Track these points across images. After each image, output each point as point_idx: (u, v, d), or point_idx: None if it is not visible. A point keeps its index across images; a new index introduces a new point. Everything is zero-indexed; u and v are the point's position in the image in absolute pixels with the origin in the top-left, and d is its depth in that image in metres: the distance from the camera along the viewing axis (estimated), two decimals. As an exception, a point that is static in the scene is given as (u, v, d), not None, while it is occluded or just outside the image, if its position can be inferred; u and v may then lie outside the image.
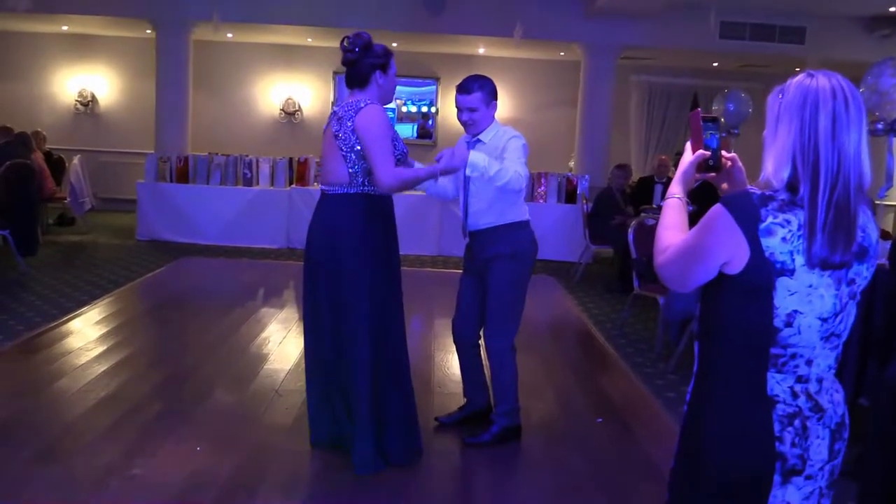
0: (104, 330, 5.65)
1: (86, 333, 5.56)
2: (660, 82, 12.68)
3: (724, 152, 1.84)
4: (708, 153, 1.81)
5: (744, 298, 1.65)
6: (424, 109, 12.79)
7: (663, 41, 10.52)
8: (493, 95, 3.78)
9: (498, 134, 3.75)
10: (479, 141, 3.78)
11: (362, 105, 3.35)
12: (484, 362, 4.02)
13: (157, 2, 10.25)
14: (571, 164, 11.58)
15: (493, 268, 3.77)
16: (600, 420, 4.39)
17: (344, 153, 3.36)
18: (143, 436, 3.78)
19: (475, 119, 3.74)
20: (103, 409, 4.12)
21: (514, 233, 3.79)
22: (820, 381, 1.69)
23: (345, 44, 3.40)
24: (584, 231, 8.99)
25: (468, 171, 3.50)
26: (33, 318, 5.85)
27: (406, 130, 12.73)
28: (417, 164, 3.69)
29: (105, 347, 5.18)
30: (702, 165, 1.82)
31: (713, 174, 1.84)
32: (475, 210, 3.80)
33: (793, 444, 1.66)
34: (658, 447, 4.08)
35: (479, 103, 3.73)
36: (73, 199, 9.98)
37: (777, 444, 1.66)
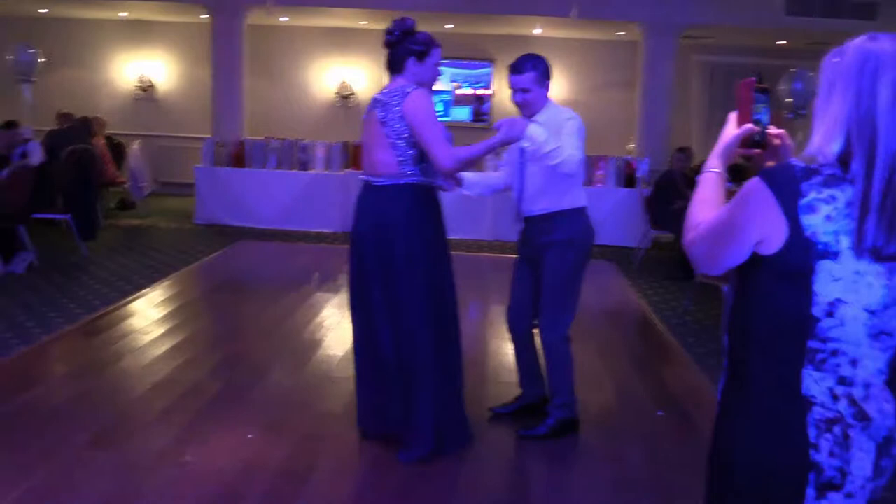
0: (162, 313, 5.69)
1: (144, 316, 5.61)
2: (722, 62, 12.28)
3: (772, 128, 1.66)
4: (757, 128, 1.63)
5: (779, 283, 1.48)
6: (480, 92, 12.62)
7: (727, 19, 10.15)
8: (546, 75, 3.64)
9: (553, 115, 3.61)
10: (534, 122, 3.64)
11: (409, 90, 3.26)
12: (539, 352, 3.91)
13: (213, -14, 10.30)
14: (630, 147, 11.31)
15: (548, 255, 3.64)
16: (661, 413, 4.24)
17: (392, 140, 3.27)
18: (197, 421, 3.77)
19: (528, 100, 3.61)
20: (159, 393, 4.13)
21: (571, 219, 3.65)
22: (867, 386, 1.49)
23: (388, 27, 3.36)
24: (643, 216, 8.77)
25: (524, 143, 3.38)
26: (93, 301, 5.93)
27: (461, 113, 12.58)
28: (473, 181, 3.69)
29: (162, 331, 5.21)
30: (747, 140, 1.64)
31: (758, 151, 1.66)
32: (530, 194, 3.68)
33: (830, 454, 1.47)
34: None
35: (531, 83, 3.60)
36: (133, 183, 10.14)
37: (812, 452, 1.47)
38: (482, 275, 7.19)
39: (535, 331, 3.84)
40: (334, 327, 5.54)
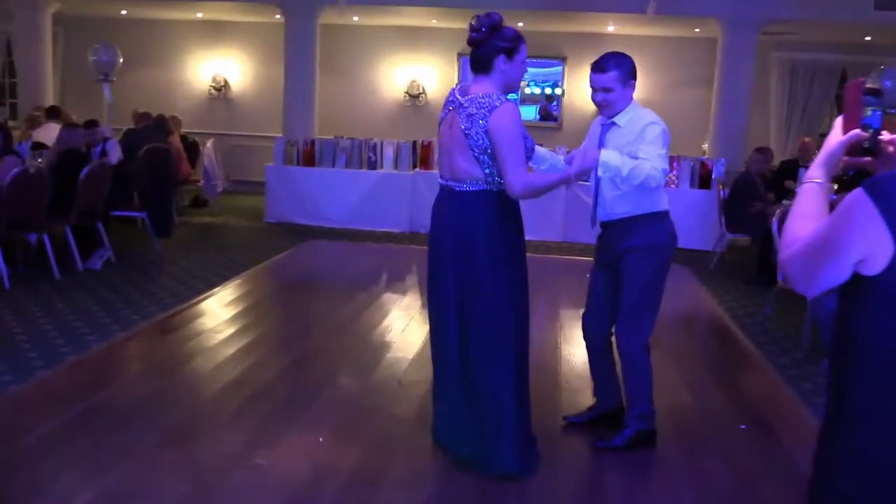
0: (232, 312, 5.73)
1: (215, 315, 5.66)
2: (804, 59, 11.82)
3: (884, 133, 1.50)
4: (866, 133, 1.48)
5: (885, 307, 1.34)
6: (548, 91, 12.45)
7: (810, 14, 9.74)
8: (631, 75, 3.49)
9: (635, 117, 3.47)
10: (613, 124, 3.51)
11: (497, 104, 3.09)
12: (616, 361, 3.77)
13: (286, -14, 10.39)
14: (705, 146, 10.99)
15: (628, 261, 3.50)
16: (743, 427, 4.05)
17: (476, 154, 3.14)
18: (267, 423, 3.75)
19: (610, 100, 3.46)
20: (229, 393, 4.14)
21: (652, 224, 3.51)
22: None
23: (472, 23, 3.17)
24: (719, 218, 8.49)
25: (600, 172, 3.26)
26: (167, 298, 6.01)
27: (528, 112, 12.43)
28: (543, 156, 3.50)
29: (232, 330, 5.24)
30: (855, 148, 1.49)
31: (868, 159, 1.51)
32: (609, 198, 3.53)
33: None
34: (808, 456, 3.72)
35: (614, 83, 3.45)
36: (207, 181, 10.31)
37: None
38: (550, 277, 7.04)
39: (612, 339, 3.72)
40: (403, 330, 5.49)
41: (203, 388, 4.22)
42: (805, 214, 1.48)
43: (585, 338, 3.81)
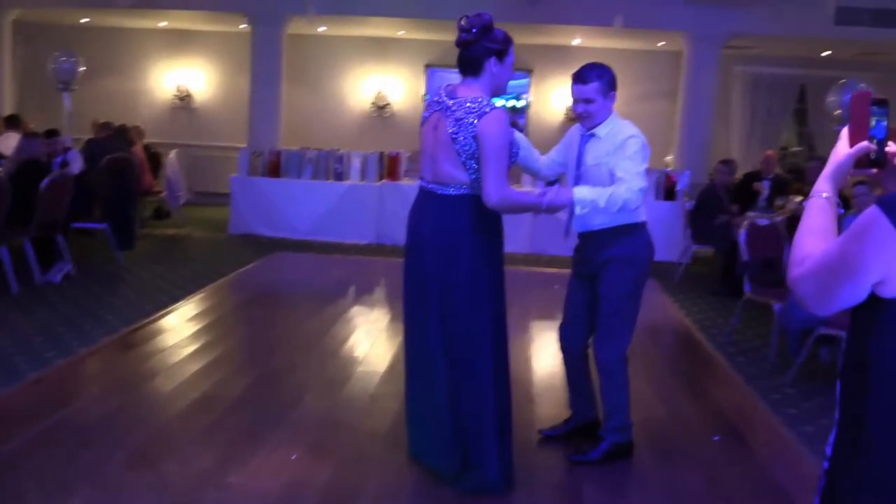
0: (198, 327, 5.61)
1: (181, 329, 5.53)
2: (764, 73, 12.04)
3: (890, 144, 1.48)
4: (873, 146, 1.45)
5: None
6: (512, 103, 12.50)
7: (773, 29, 9.93)
8: (611, 86, 3.49)
9: (615, 129, 3.47)
10: (593, 135, 3.50)
11: (487, 110, 3.04)
12: (592, 372, 3.75)
13: (253, -5, 10.31)
14: (668, 159, 11.10)
15: (608, 272, 3.49)
16: (717, 438, 4.06)
17: (463, 159, 3.09)
18: (237, 441, 3.66)
19: (591, 111, 3.46)
20: (196, 410, 4.03)
21: (631, 235, 3.50)
22: None
23: (462, 23, 3.10)
24: (684, 230, 8.57)
25: (578, 210, 3.24)
26: (130, 312, 5.87)
27: None
28: (521, 142, 3.49)
29: (198, 345, 5.13)
30: (863, 160, 1.46)
31: (874, 171, 1.48)
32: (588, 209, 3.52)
33: None
34: (783, 469, 3.76)
35: (595, 94, 3.45)
36: (170, 192, 10.12)
37: None
38: (519, 289, 7.01)
39: (590, 350, 3.70)
40: (373, 343, 5.43)
41: (169, 405, 4.10)
42: (814, 230, 1.44)
43: (563, 349, 3.78)
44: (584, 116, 3.48)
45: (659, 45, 11.49)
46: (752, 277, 5.83)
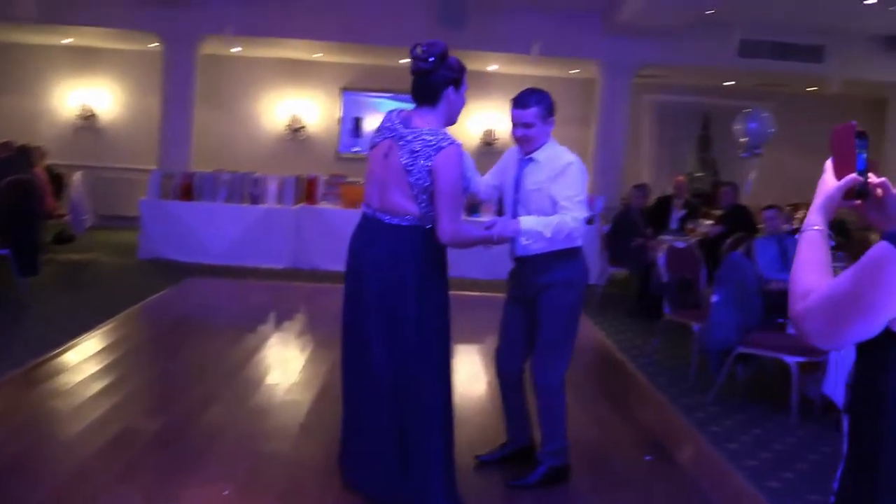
0: (111, 357, 5.33)
1: (92, 361, 5.23)
2: (671, 101, 12.52)
3: (871, 176, 1.50)
4: (861, 178, 1.48)
5: None
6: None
7: (681, 59, 10.35)
8: (550, 111, 3.53)
9: (554, 154, 3.50)
10: (531, 160, 3.52)
11: (444, 145, 3.01)
12: (527, 397, 3.75)
13: (166, 15, 10.02)
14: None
15: (546, 297, 3.50)
16: (649, 458, 4.11)
17: (415, 193, 3.04)
18: (164, 478, 3.47)
19: (530, 136, 3.48)
20: (117, 447, 3.81)
21: (569, 260, 3.53)
22: None
23: (417, 52, 3.06)
24: (600, 253, 8.75)
25: (524, 241, 3.26)
26: (36, 343, 5.52)
27: None
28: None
29: (113, 377, 4.86)
30: (849, 192, 1.49)
31: (858, 202, 1.51)
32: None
33: None
34: (713, 485, 3.85)
35: (535, 119, 3.48)
36: (74, 216, 9.68)
37: None
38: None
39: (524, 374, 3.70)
40: (299, 370, 5.29)
41: (87, 443, 3.85)
42: (812, 263, 1.44)
43: (498, 374, 3.77)
44: (523, 141, 3.50)
45: (572, 72, 11.78)
46: (672, 299, 5.98)
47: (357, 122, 12.57)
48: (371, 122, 12.58)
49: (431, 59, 3.05)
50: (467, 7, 9.47)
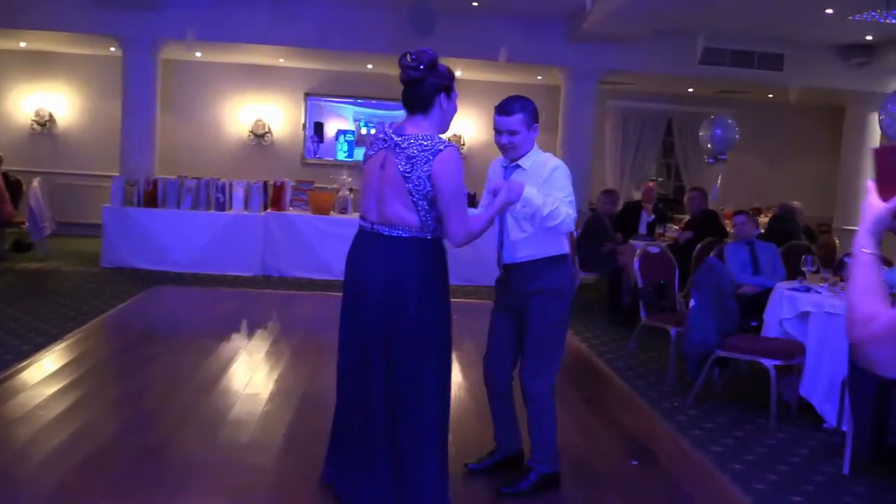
0: (81, 370, 5.17)
1: (62, 373, 5.07)
2: (635, 107, 12.65)
3: None
4: None
5: None
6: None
7: (645, 66, 10.46)
8: (534, 118, 3.53)
9: (539, 161, 3.50)
10: (518, 167, 3.52)
11: (441, 148, 2.98)
12: (515, 404, 3.73)
13: (126, 19, 9.82)
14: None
15: (535, 304, 3.49)
16: (635, 462, 4.13)
17: (415, 200, 3.00)
18: (152, 493, 3.37)
19: (515, 143, 3.48)
20: (96, 463, 3.70)
21: (557, 267, 3.53)
22: None
23: (407, 60, 3.03)
24: (571, 258, 8.78)
25: (519, 207, 3.23)
26: (3, 354, 5.36)
27: (362, 153, 12.52)
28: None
29: (84, 391, 4.72)
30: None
31: None
32: (514, 240, 3.52)
33: None
34: (701, 489, 3.87)
35: (520, 125, 3.47)
36: (33, 223, 9.42)
37: None
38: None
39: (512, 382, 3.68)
40: (277, 378, 5.21)
41: (63, 461, 3.73)
42: (869, 288, 1.43)
43: (487, 382, 3.74)
44: (508, 148, 3.49)
45: (537, 78, 11.84)
46: (648, 304, 6.02)
47: (318, 128, 12.47)
48: (332, 128, 12.51)
49: (421, 67, 3.03)
50: (436, 14, 9.46)
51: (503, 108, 3.47)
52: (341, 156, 12.52)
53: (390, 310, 3.04)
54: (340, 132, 12.53)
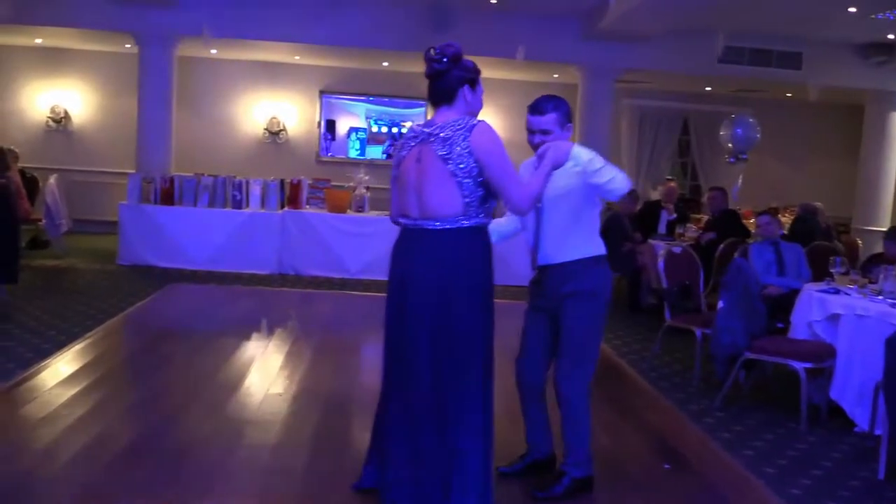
0: (102, 370, 5.13)
1: (86, 371, 5.03)
2: (651, 106, 12.58)
3: None
4: None
5: None
6: (395, 130, 12.52)
7: (662, 64, 10.39)
8: (568, 117, 3.48)
9: (574, 157, 3.43)
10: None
11: (474, 123, 3.00)
12: (548, 407, 3.68)
13: (142, 16, 9.80)
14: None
15: (572, 305, 3.44)
16: (668, 466, 4.07)
17: (459, 179, 2.98)
18: (181, 496, 3.34)
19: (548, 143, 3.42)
20: (124, 463, 3.66)
21: (594, 268, 3.48)
22: None
23: (431, 53, 3.05)
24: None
25: (569, 164, 3.19)
26: (23, 353, 5.35)
27: (375, 152, 12.55)
28: None
29: (108, 391, 4.69)
30: None
31: None
32: (550, 241, 3.47)
33: None
34: (735, 493, 3.82)
35: (553, 125, 3.42)
36: (49, 220, 9.42)
37: None
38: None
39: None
40: (301, 378, 5.16)
41: (93, 459, 3.70)
42: None
43: (519, 384, 3.69)
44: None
45: (554, 76, 11.78)
46: (672, 304, 5.96)
47: (330, 125, 12.45)
48: (344, 125, 12.49)
49: (445, 60, 3.05)
50: (454, 11, 9.42)
51: (536, 108, 3.42)
52: (353, 153, 12.49)
53: (436, 303, 3.01)
54: (352, 130, 12.51)
